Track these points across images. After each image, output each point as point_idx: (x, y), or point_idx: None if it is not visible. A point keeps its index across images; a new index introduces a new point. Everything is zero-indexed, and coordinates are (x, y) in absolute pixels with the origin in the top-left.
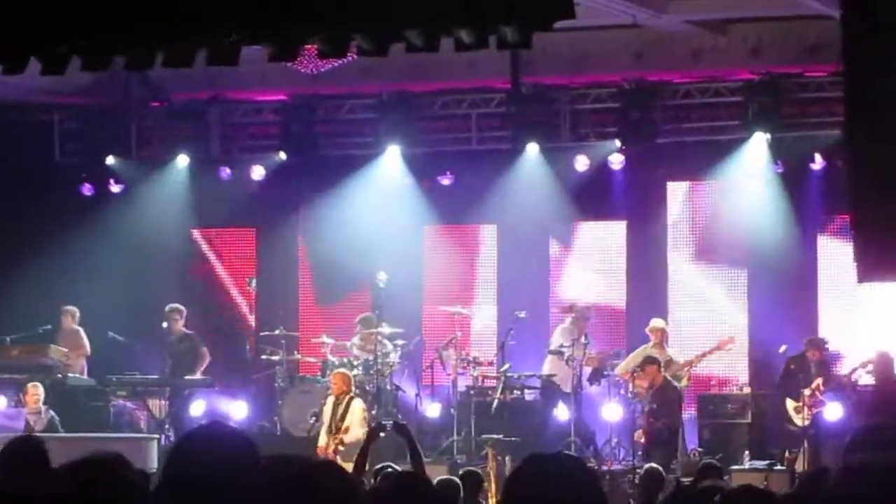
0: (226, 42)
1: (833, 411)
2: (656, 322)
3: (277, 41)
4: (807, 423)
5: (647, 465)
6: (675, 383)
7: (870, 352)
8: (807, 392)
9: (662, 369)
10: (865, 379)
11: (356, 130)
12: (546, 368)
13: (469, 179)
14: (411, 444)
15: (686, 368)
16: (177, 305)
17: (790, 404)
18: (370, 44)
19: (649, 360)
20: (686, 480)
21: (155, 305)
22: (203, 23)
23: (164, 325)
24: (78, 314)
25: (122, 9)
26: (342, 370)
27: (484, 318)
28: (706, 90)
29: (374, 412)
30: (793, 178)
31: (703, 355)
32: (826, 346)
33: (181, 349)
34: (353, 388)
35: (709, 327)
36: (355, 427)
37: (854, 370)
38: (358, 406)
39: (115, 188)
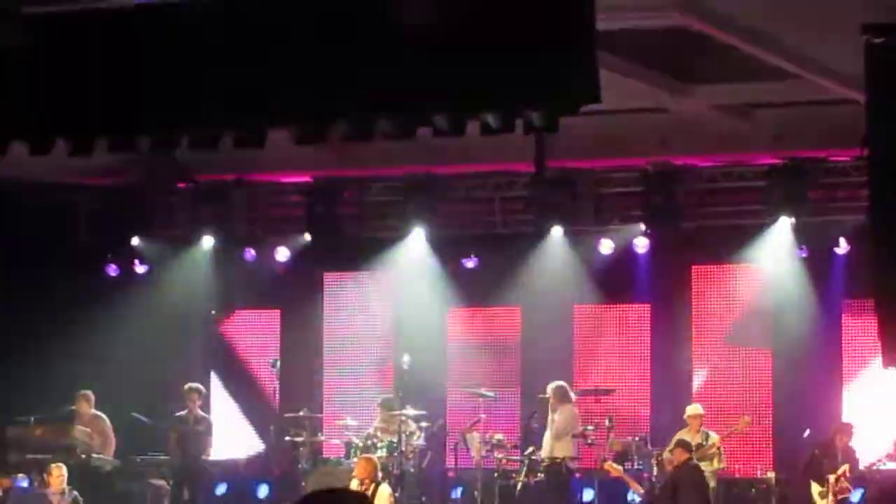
0: (252, 125)
1: (856, 496)
2: (692, 408)
3: (303, 124)
4: None
5: None
6: (702, 466)
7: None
8: (832, 478)
9: (692, 452)
10: (888, 466)
11: (381, 212)
12: (569, 451)
13: (493, 262)
14: None
15: (714, 449)
16: (196, 385)
17: (815, 489)
18: (396, 127)
19: (680, 444)
20: None
21: (178, 387)
22: (230, 105)
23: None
24: (93, 398)
25: (149, 92)
26: (368, 455)
27: (507, 400)
28: (731, 174)
29: (397, 494)
30: (817, 262)
31: (727, 436)
32: (852, 431)
33: (197, 430)
34: (378, 474)
35: (734, 411)
36: None
37: (879, 460)
38: (385, 493)
39: (140, 269)
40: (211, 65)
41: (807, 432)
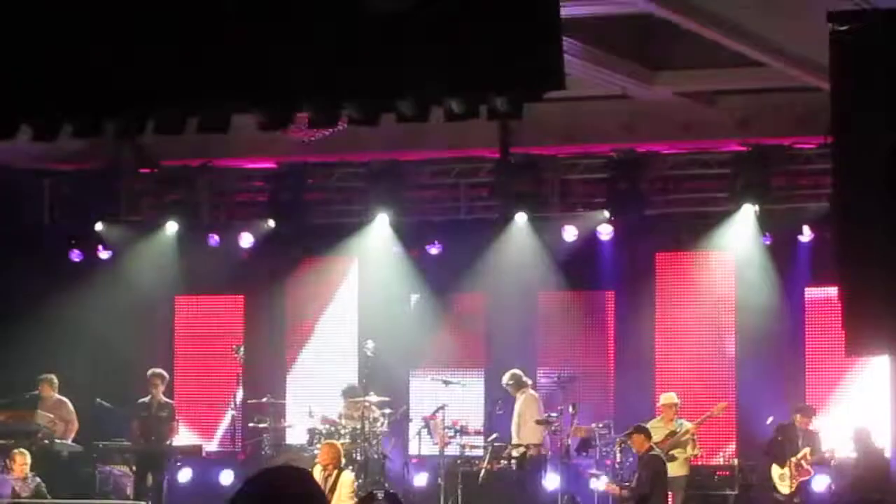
0: (217, 110)
1: (819, 483)
2: (667, 397)
3: (268, 110)
4: (791, 491)
5: None
6: (675, 453)
7: (855, 423)
8: (793, 460)
9: (650, 440)
10: (844, 452)
11: (345, 198)
12: (533, 438)
13: (457, 248)
14: None
15: (688, 436)
16: (159, 371)
17: (775, 472)
18: (361, 113)
19: (637, 429)
20: None
21: (142, 372)
22: (194, 90)
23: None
24: (56, 382)
25: (114, 76)
26: (331, 441)
27: (471, 387)
28: (695, 162)
29: (361, 481)
30: (781, 249)
31: (701, 422)
32: (814, 413)
33: (160, 417)
34: (341, 460)
35: (697, 397)
36: (345, 501)
37: (833, 451)
38: (347, 479)
39: (104, 254)
40: (175, 48)
41: (770, 419)
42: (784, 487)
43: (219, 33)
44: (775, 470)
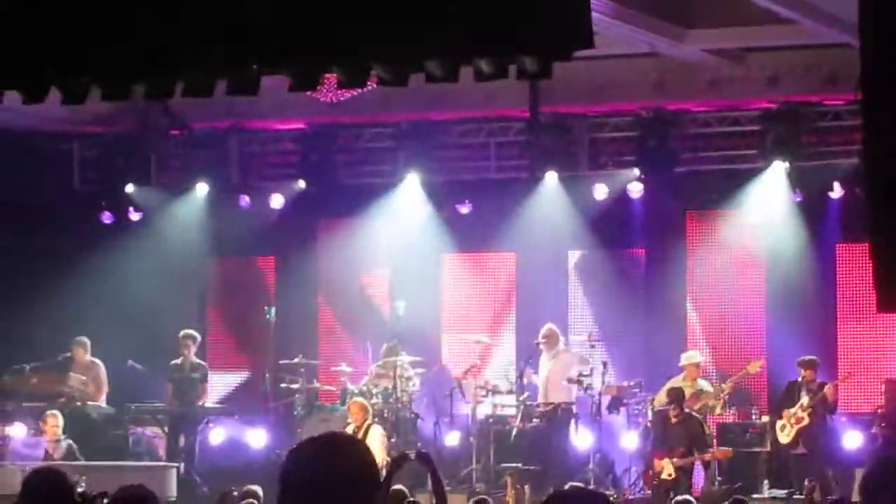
0: (246, 72)
1: (827, 433)
2: (690, 356)
3: (297, 71)
4: (790, 440)
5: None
6: (697, 414)
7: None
8: (791, 410)
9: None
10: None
11: (375, 159)
12: (564, 396)
13: (488, 208)
14: (434, 474)
15: (719, 396)
16: (191, 332)
17: (778, 423)
18: (390, 74)
19: (673, 393)
20: None
21: (174, 334)
22: (223, 52)
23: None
24: (89, 344)
25: (143, 38)
26: (359, 399)
27: (503, 346)
28: (724, 119)
29: (393, 440)
30: (812, 206)
31: (734, 381)
32: (816, 365)
33: (192, 378)
34: (370, 417)
35: (729, 355)
36: (376, 454)
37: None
38: (377, 433)
39: (135, 216)
40: (203, 11)
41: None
42: (783, 437)
43: None
44: (778, 422)
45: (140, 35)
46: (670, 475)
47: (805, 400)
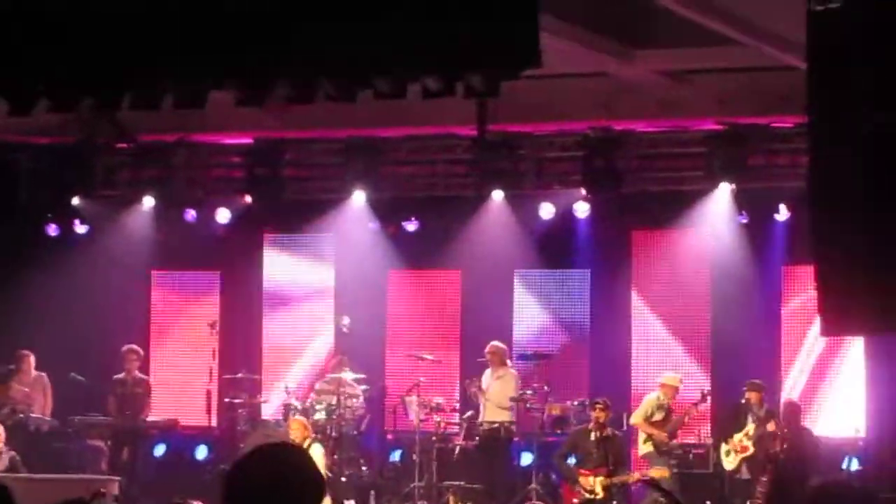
0: (194, 85)
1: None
2: (672, 377)
3: (245, 85)
4: (734, 467)
5: None
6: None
7: (833, 402)
8: (737, 437)
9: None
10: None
11: (322, 174)
12: (506, 415)
13: (434, 225)
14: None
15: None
16: (134, 347)
17: (723, 448)
18: (338, 90)
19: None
20: None
21: (117, 347)
22: (171, 65)
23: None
24: (33, 357)
25: (91, 51)
26: (299, 418)
27: (447, 363)
28: (671, 140)
29: (336, 456)
30: (757, 228)
31: (686, 414)
32: (762, 389)
33: (136, 392)
34: (311, 434)
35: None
36: None
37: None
38: (317, 451)
39: (81, 228)
40: (153, 24)
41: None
42: (728, 463)
43: (196, 9)
44: (723, 447)
45: (89, 47)
46: (596, 494)
47: (750, 428)
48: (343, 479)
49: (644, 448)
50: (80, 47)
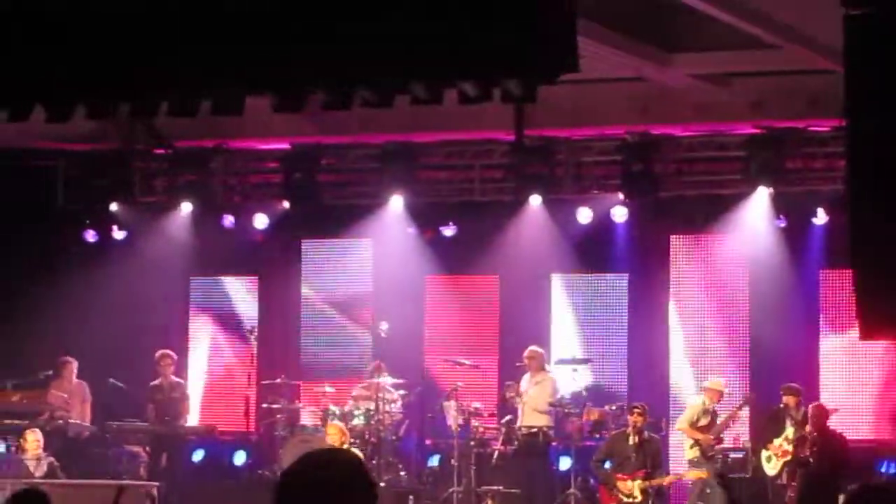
0: (231, 92)
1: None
2: (717, 382)
3: (282, 91)
4: (777, 472)
5: None
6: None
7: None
8: (777, 441)
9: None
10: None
11: (359, 180)
12: (545, 420)
13: (471, 230)
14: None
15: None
16: (168, 352)
17: (763, 454)
18: (374, 95)
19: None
20: None
21: (155, 353)
22: (208, 72)
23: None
24: (76, 365)
25: (128, 57)
26: (336, 423)
27: (485, 368)
28: (709, 144)
29: (374, 462)
30: (795, 232)
31: (731, 417)
32: (800, 393)
33: (173, 397)
34: (348, 439)
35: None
36: None
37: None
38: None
39: (118, 234)
40: (189, 30)
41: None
42: (769, 469)
43: (235, 17)
44: (763, 453)
45: (126, 53)
46: (634, 498)
47: (790, 432)
48: (382, 484)
49: (690, 453)
50: (118, 53)
